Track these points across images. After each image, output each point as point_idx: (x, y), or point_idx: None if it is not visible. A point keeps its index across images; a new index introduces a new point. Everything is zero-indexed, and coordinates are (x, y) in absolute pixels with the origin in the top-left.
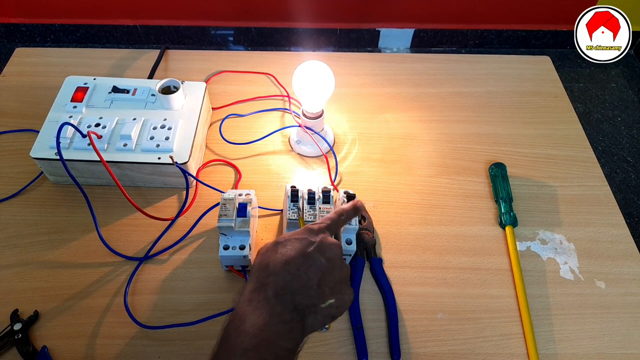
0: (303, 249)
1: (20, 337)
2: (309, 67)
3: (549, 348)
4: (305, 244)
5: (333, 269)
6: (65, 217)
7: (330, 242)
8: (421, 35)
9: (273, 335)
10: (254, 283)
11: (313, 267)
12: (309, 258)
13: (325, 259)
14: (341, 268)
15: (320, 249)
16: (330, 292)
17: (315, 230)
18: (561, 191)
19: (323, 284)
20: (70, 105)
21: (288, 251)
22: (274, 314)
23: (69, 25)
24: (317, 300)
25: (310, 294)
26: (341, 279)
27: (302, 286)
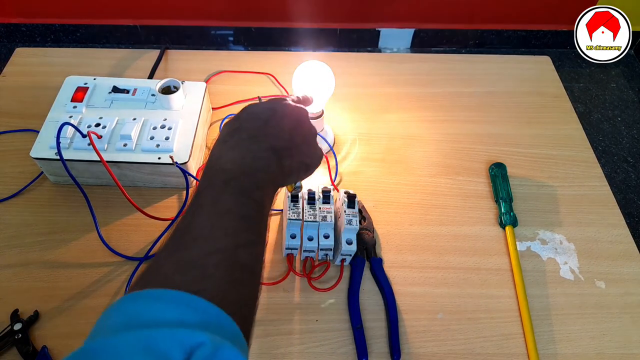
0: (272, 106)
1: (20, 337)
2: (309, 67)
3: (549, 348)
4: (274, 102)
5: (302, 123)
6: (66, 217)
7: (296, 105)
8: (421, 35)
9: (250, 167)
10: (227, 128)
11: (284, 118)
12: (278, 110)
13: (294, 115)
14: (310, 127)
15: (288, 107)
16: (302, 141)
17: (281, 96)
18: (561, 191)
19: (295, 134)
20: (70, 105)
21: (259, 107)
22: (250, 150)
23: (69, 25)
24: (290, 144)
25: (284, 137)
26: (310, 133)
27: (275, 130)
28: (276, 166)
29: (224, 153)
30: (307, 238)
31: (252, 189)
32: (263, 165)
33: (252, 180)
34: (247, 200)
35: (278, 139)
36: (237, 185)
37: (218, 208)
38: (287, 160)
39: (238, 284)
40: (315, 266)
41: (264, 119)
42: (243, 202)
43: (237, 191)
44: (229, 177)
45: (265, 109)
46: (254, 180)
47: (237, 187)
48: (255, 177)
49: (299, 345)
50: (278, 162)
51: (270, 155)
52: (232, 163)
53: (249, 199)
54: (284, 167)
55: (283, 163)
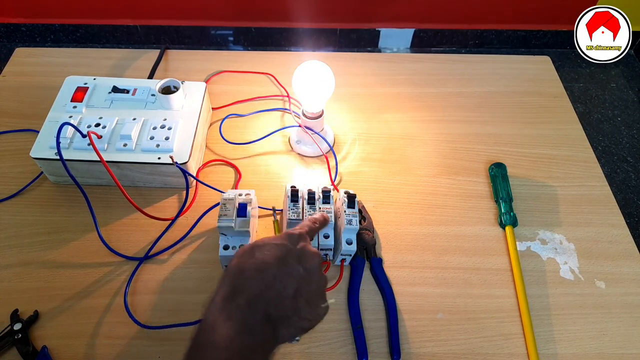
0: (282, 257)
1: (20, 337)
2: (309, 67)
3: (549, 348)
4: (284, 250)
5: (311, 279)
6: (65, 217)
7: (310, 251)
8: (421, 35)
9: (245, 348)
10: (227, 288)
11: (290, 277)
12: (287, 266)
13: (303, 269)
14: (319, 280)
15: (299, 258)
16: (306, 303)
17: (296, 237)
18: (561, 191)
19: (298, 295)
20: (70, 105)
21: (266, 257)
22: (246, 325)
23: (69, 25)
24: (290, 312)
25: (284, 305)
26: (318, 290)
27: (276, 296)
28: (271, 341)
29: (220, 324)
30: None
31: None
32: (258, 343)
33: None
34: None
35: (277, 307)
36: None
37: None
38: (283, 329)
39: None
40: None
41: (267, 282)
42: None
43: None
44: (221, 358)
45: (272, 264)
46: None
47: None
48: (248, 359)
49: (298, 345)
50: (273, 334)
51: (266, 329)
52: (225, 340)
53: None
54: (278, 338)
55: (278, 334)
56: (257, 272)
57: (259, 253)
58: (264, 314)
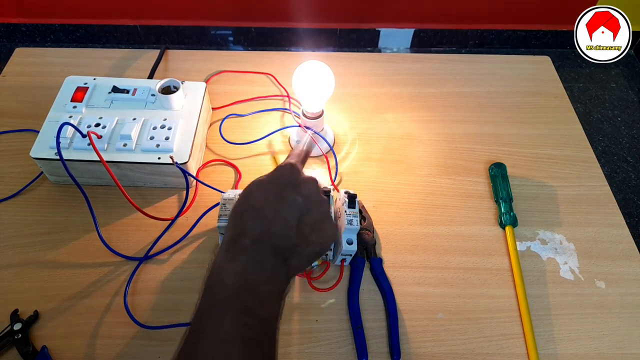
0: (278, 191)
1: (20, 337)
2: (309, 67)
3: (549, 348)
4: (279, 184)
5: (311, 205)
6: (65, 217)
7: (304, 178)
8: (421, 35)
9: (254, 282)
10: (231, 232)
11: (290, 207)
12: (285, 199)
13: (302, 198)
14: (320, 203)
15: (295, 187)
16: (311, 229)
17: (288, 168)
18: (561, 191)
19: (302, 223)
20: (70, 105)
21: (262, 195)
22: (253, 261)
23: (69, 25)
24: (297, 240)
25: (289, 235)
26: (321, 214)
27: (280, 229)
28: (282, 272)
29: (226, 264)
30: None
31: (256, 306)
32: (267, 277)
33: (255, 297)
34: (250, 320)
35: (283, 238)
36: (240, 304)
37: (220, 334)
38: (294, 258)
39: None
40: None
41: (269, 218)
42: (246, 322)
43: (240, 310)
44: (231, 294)
45: (269, 198)
46: (257, 295)
47: (240, 306)
48: (258, 292)
49: (298, 346)
50: (283, 266)
51: (274, 262)
52: (234, 276)
53: (253, 317)
54: (290, 267)
55: (290, 263)
56: (256, 211)
57: (255, 192)
58: (270, 248)
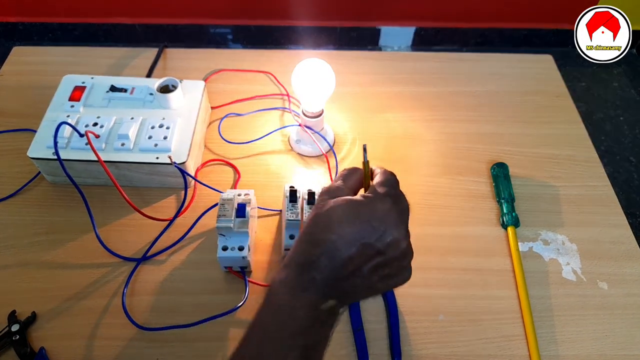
0: (365, 232)
1: (18, 339)
2: (309, 65)
3: (551, 349)
4: (367, 229)
5: (391, 260)
6: (63, 217)
7: (397, 238)
8: (422, 34)
9: (318, 320)
10: (300, 255)
11: (369, 258)
12: (369, 246)
13: (388, 248)
14: (404, 257)
15: (383, 241)
16: (379, 279)
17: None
18: (563, 191)
19: (374, 274)
20: (67, 105)
21: (348, 229)
22: (319, 297)
23: (67, 24)
24: (362, 288)
25: (357, 283)
26: (399, 267)
27: (350, 275)
28: (338, 312)
29: (294, 294)
30: None
31: (316, 346)
32: (326, 315)
33: (314, 338)
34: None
35: (350, 286)
36: (303, 343)
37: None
38: (349, 299)
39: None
40: None
41: (343, 262)
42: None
43: (300, 350)
44: (297, 330)
45: (353, 240)
46: (316, 338)
47: (303, 345)
48: (318, 335)
49: None
50: (340, 305)
51: (336, 305)
52: (299, 310)
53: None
54: (344, 304)
55: (344, 301)
56: (334, 248)
57: (340, 223)
58: (336, 292)
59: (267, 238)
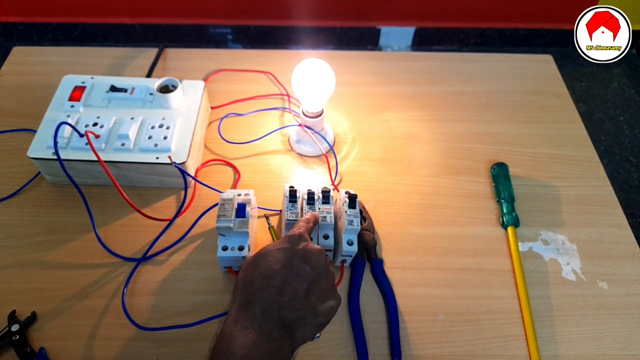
0: (287, 260)
1: (18, 339)
2: (309, 65)
3: (551, 349)
4: (288, 253)
5: (320, 276)
6: (63, 217)
7: (313, 248)
8: (422, 34)
9: (262, 355)
10: (239, 301)
11: (299, 278)
12: (294, 268)
13: (310, 267)
14: (327, 274)
15: (304, 258)
16: (318, 300)
17: (296, 238)
18: (563, 191)
19: (310, 294)
20: (67, 105)
21: (271, 263)
22: (262, 332)
23: (67, 24)
24: (305, 312)
25: (297, 307)
26: (328, 285)
27: (289, 299)
28: (288, 345)
29: (236, 335)
30: None
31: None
32: (275, 349)
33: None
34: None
35: (291, 310)
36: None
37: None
38: (299, 330)
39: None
40: None
41: (277, 287)
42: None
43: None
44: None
45: (279, 269)
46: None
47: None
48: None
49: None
50: (290, 339)
51: (282, 334)
52: (243, 348)
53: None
54: (295, 339)
55: (295, 335)
56: (265, 279)
57: (264, 261)
58: (279, 321)
59: (267, 238)
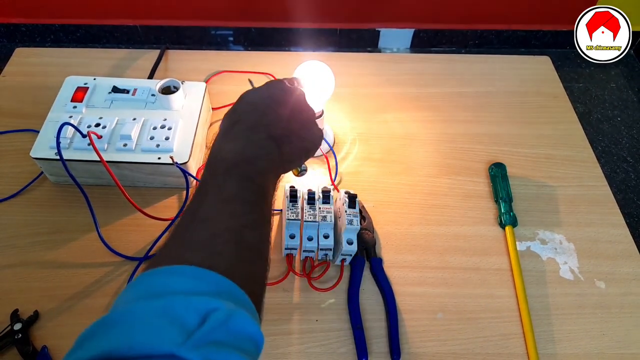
0: (269, 93)
1: (21, 337)
2: (309, 67)
3: (549, 348)
4: (270, 87)
5: (300, 107)
6: (65, 217)
7: (293, 87)
8: (421, 36)
9: (251, 156)
10: (226, 122)
11: (281, 105)
12: (276, 97)
13: (292, 99)
14: (308, 109)
15: (284, 91)
16: (300, 126)
17: (278, 81)
18: (561, 191)
19: (293, 121)
20: (70, 105)
21: (254, 95)
22: (250, 140)
23: (69, 26)
24: (288, 132)
25: (281, 126)
26: (309, 117)
27: (273, 119)
28: (276, 153)
29: (225, 145)
30: (306, 238)
31: (254, 174)
32: (263, 153)
33: (253, 167)
34: (250, 185)
35: (276, 128)
36: (240, 172)
37: (222, 194)
38: (286, 147)
39: (246, 261)
40: (315, 266)
41: (261, 110)
42: (246, 186)
43: (240, 177)
44: (231, 165)
45: (262, 97)
46: (255, 167)
47: (240, 174)
48: (256, 165)
49: (298, 345)
50: (277, 150)
51: (270, 144)
52: (233, 153)
53: (252, 183)
54: (283, 153)
55: (283, 150)
56: (251, 104)
57: (247, 94)
58: (265, 134)
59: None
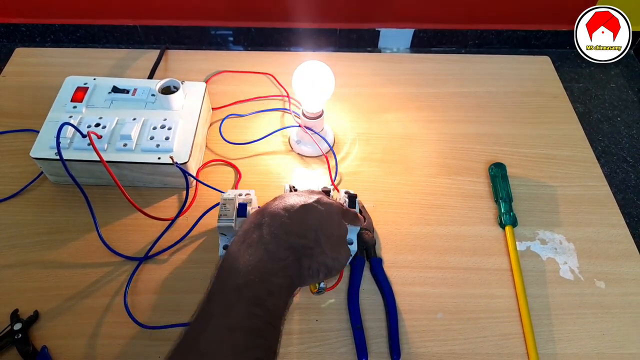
0: (302, 200)
1: (20, 337)
2: (309, 67)
3: (549, 348)
4: (304, 197)
5: (332, 222)
6: (65, 217)
7: (330, 199)
8: (421, 36)
9: (266, 272)
10: (249, 224)
11: (312, 214)
12: (309, 205)
13: (326, 212)
14: (339, 225)
15: (319, 202)
16: (327, 240)
17: (316, 191)
18: (561, 191)
19: (320, 233)
20: (70, 105)
21: (287, 200)
22: (268, 251)
23: (69, 26)
24: (313, 244)
25: (306, 236)
26: (339, 235)
27: (298, 228)
28: (294, 268)
29: (242, 253)
30: None
31: (265, 297)
32: (280, 268)
33: (266, 287)
34: (259, 311)
35: (300, 237)
36: (249, 295)
37: (228, 321)
38: (307, 260)
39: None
40: None
41: (288, 216)
42: (254, 313)
43: (249, 302)
44: (242, 283)
45: (293, 204)
46: (268, 286)
47: (249, 297)
48: (270, 283)
49: (298, 345)
50: (296, 263)
51: (288, 256)
52: (247, 267)
53: (261, 308)
54: (302, 267)
55: (302, 263)
56: (278, 209)
57: (281, 199)
58: (285, 243)
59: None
